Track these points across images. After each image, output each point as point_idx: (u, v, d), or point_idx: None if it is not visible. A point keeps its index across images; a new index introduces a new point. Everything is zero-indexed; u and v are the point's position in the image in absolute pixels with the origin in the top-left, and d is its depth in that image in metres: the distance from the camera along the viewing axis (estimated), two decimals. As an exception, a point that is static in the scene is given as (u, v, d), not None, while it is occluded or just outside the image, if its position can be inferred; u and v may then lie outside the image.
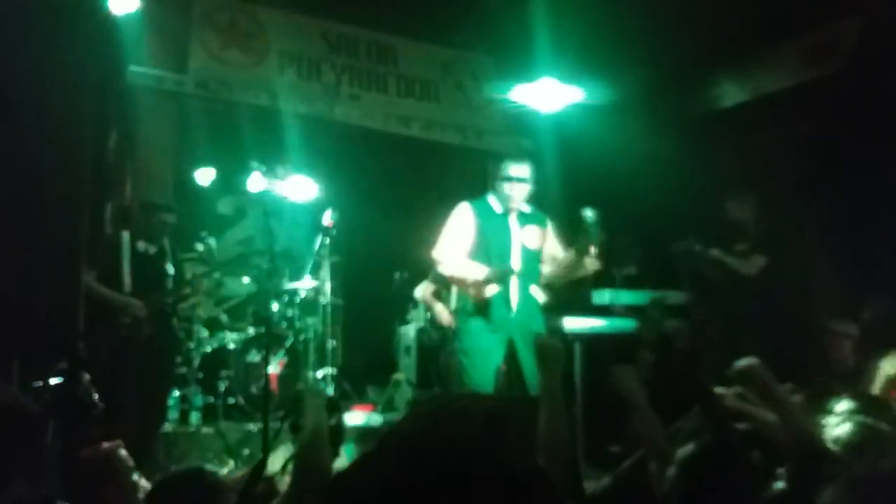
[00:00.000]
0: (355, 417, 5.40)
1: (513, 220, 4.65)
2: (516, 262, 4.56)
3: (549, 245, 4.76)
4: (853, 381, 3.92)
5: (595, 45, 6.20)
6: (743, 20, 5.79)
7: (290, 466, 3.04)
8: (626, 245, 5.97)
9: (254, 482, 2.33)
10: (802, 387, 4.13)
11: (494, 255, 4.59)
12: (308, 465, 2.26)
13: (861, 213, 5.31)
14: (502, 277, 4.45)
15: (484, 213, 4.68)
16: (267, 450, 3.45)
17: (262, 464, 2.55)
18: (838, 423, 3.76)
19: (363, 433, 5.15)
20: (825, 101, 5.61)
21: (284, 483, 2.81)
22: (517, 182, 4.59)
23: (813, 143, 5.67)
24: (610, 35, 6.12)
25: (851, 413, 3.83)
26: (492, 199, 4.74)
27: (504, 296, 4.58)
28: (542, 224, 4.77)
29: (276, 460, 3.72)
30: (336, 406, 2.67)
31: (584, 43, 6.22)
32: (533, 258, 4.68)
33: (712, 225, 5.34)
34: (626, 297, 5.40)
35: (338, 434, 2.60)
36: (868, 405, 3.68)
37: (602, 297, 5.38)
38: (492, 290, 4.49)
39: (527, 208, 4.71)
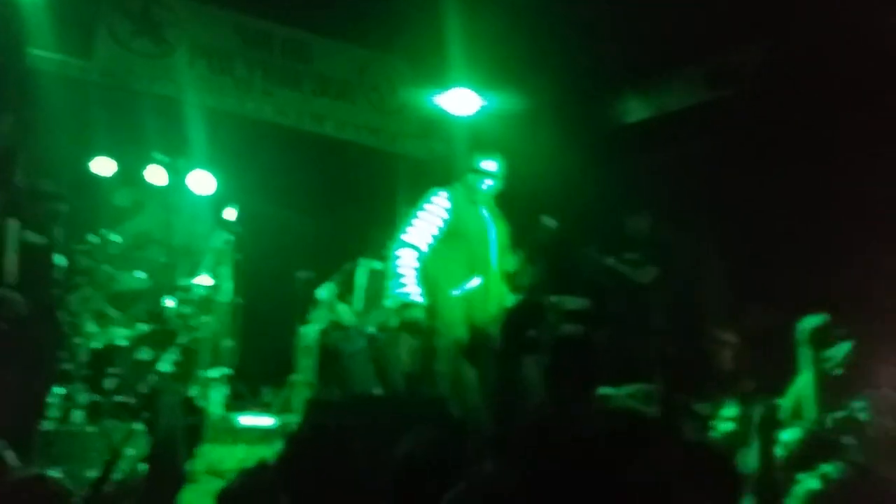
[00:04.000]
0: (249, 419, 5.29)
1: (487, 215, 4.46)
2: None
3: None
4: (733, 387, 4.07)
5: (508, 55, 6.30)
6: (650, 40, 5.98)
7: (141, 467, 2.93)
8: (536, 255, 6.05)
9: (100, 484, 2.23)
10: (690, 392, 4.29)
11: (477, 245, 4.34)
12: (161, 465, 2.17)
13: (750, 226, 5.54)
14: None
15: (460, 202, 4.41)
16: (116, 451, 3.28)
17: (110, 466, 2.43)
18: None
19: (257, 435, 5.04)
20: (724, 121, 5.84)
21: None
22: (487, 177, 4.43)
23: (710, 160, 5.89)
24: (523, 47, 6.22)
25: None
26: (465, 190, 4.48)
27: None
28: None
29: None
30: (193, 406, 2.60)
31: (497, 52, 6.31)
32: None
33: (612, 235, 5.47)
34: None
35: (195, 434, 2.52)
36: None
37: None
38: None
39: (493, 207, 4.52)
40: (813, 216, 5.27)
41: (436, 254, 4.29)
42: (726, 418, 4.06)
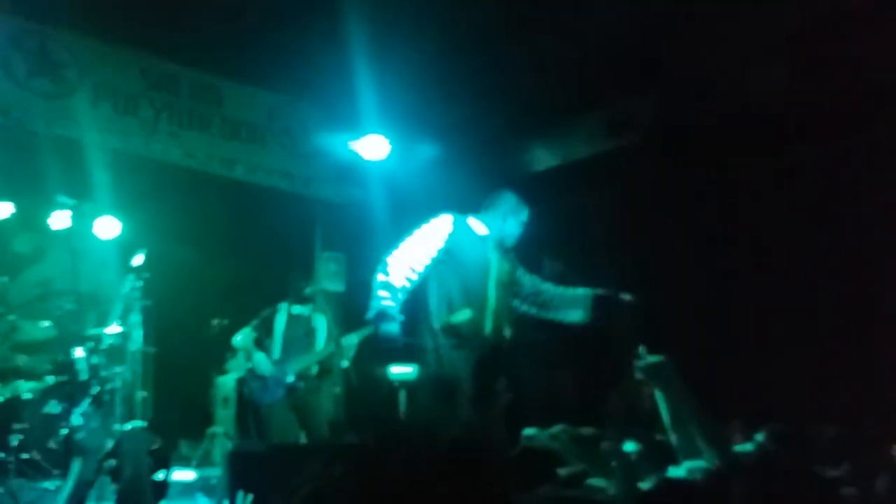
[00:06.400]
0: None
1: (489, 248, 4.40)
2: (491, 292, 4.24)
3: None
4: (650, 424, 4.29)
5: (420, 103, 6.48)
6: (553, 91, 6.30)
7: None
8: None
9: None
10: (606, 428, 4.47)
11: (474, 277, 4.25)
12: None
13: (656, 267, 5.88)
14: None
15: (464, 230, 4.35)
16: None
17: None
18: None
19: (177, 489, 4.87)
20: (625, 169, 6.21)
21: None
22: (522, 225, 4.46)
23: (614, 206, 6.23)
24: (433, 95, 6.42)
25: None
26: (473, 222, 4.45)
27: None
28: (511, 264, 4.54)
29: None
30: (164, 460, 2.56)
31: (409, 100, 6.47)
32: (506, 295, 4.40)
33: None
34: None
35: (161, 489, 2.49)
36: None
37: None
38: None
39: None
40: (711, 259, 5.67)
41: (430, 277, 4.19)
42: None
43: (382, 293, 4.04)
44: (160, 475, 2.91)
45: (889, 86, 4.85)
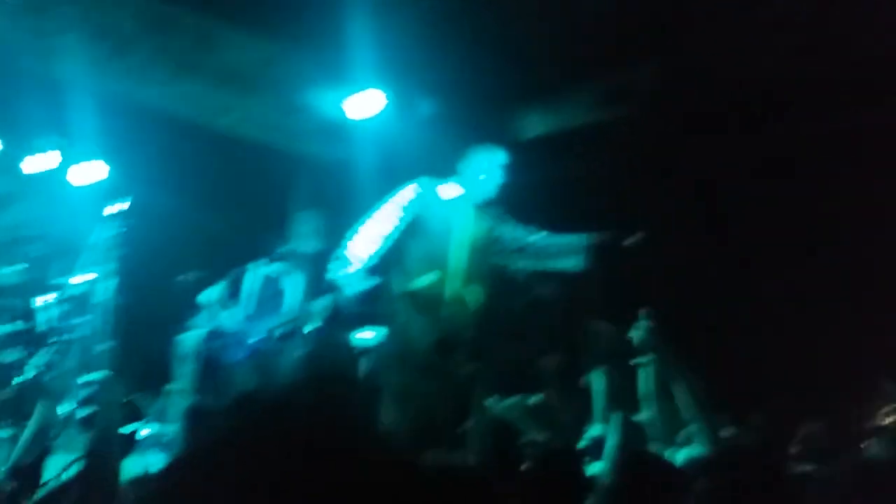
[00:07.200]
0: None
1: (462, 211, 4.40)
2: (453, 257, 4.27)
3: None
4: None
5: (414, 61, 6.27)
6: (553, 56, 6.05)
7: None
8: None
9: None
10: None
11: (436, 242, 4.29)
12: (96, 466, 2.07)
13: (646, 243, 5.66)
14: None
15: (426, 196, 4.39)
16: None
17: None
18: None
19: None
20: (621, 139, 5.97)
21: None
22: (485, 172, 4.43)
23: (607, 176, 6.01)
24: (429, 52, 6.20)
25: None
26: (444, 187, 4.45)
27: None
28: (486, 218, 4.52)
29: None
30: (137, 412, 2.51)
31: (403, 58, 6.27)
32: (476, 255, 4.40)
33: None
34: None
35: (131, 442, 2.46)
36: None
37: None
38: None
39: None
40: (702, 230, 5.47)
41: (394, 246, 4.29)
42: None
43: (344, 264, 4.21)
44: (131, 428, 2.96)
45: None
